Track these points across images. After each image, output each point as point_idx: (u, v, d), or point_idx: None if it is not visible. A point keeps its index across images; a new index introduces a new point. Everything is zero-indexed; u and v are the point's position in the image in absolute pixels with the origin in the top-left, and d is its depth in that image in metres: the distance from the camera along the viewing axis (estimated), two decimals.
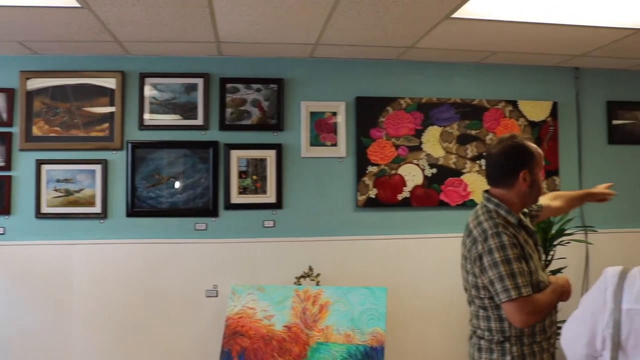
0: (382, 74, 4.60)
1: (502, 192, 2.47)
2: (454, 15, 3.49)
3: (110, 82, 4.30)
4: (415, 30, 3.81)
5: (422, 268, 4.53)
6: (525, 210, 2.65)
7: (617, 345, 1.62)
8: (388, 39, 4.01)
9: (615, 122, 5.06)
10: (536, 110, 4.79)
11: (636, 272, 1.65)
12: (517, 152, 2.45)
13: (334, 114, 4.49)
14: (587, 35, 4.01)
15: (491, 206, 2.46)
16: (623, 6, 3.46)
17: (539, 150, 2.51)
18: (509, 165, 2.44)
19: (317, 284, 4.24)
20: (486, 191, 2.55)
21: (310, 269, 4.30)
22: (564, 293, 2.44)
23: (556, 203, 2.95)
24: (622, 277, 1.66)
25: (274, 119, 4.43)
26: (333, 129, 4.49)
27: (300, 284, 4.21)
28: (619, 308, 1.62)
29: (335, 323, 3.89)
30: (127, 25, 3.63)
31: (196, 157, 4.35)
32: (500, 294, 2.27)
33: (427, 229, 4.55)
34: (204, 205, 4.34)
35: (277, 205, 4.41)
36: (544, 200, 2.89)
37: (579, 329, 1.76)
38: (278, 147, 4.41)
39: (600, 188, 3.11)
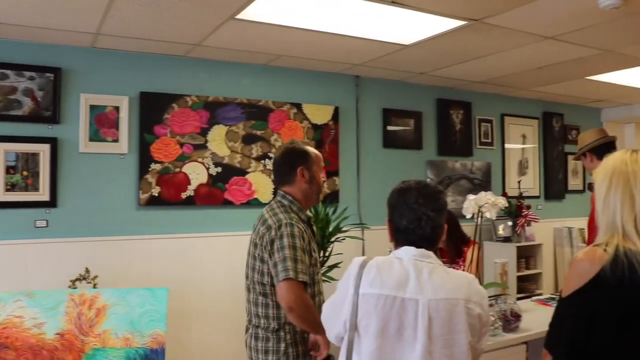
0: (169, 70, 4.50)
1: (289, 189, 2.68)
2: (238, 17, 3.53)
3: None
4: (201, 28, 3.78)
5: (206, 267, 4.51)
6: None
7: (354, 327, 1.79)
8: (174, 34, 3.93)
9: (389, 127, 5.50)
10: (319, 113, 5.03)
11: (373, 262, 1.85)
12: (293, 152, 2.70)
13: (116, 108, 4.29)
14: (364, 47, 4.30)
15: (286, 202, 2.65)
16: (393, 24, 3.77)
17: (316, 152, 2.75)
18: (288, 164, 2.68)
19: (95, 286, 4.02)
20: (282, 190, 2.72)
21: (87, 271, 4.06)
22: (321, 339, 2.53)
23: None
24: (363, 265, 1.85)
25: (49, 110, 4.10)
26: (115, 124, 4.28)
27: (75, 288, 3.96)
28: (357, 293, 1.79)
29: (113, 327, 3.72)
30: None
31: None
32: (280, 273, 2.43)
33: (212, 228, 4.55)
34: None
35: (51, 203, 4.10)
36: None
37: (330, 312, 1.92)
38: (53, 142, 4.10)
39: None
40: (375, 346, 1.75)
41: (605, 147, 3.69)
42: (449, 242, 3.89)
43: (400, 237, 1.92)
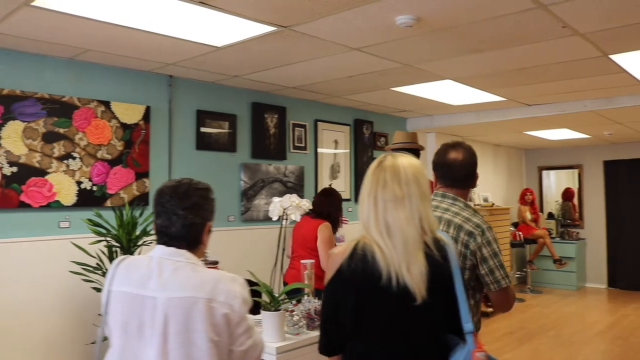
0: None
1: (460, 192, 2.60)
2: (34, 4, 3.28)
3: None
4: None
5: (0, 277, 4.14)
6: None
7: (105, 324, 1.86)
8: None
9: (203, 129, 5.45)
10: (129, 112, 4.85)
11: (127, 261, 1.90)
12: (475, 156, 2.67)
13: None
14: (175, 46, 4.22)
15: (461, 204, 2.56)
16: (204, 25, 3.73)
17: None
18: (474, 167, 2.65)
19: None
20: (450, 192, 2.59)
21: None
22: None
23: None
24: (118, 263, 1.90)
25: None
26: None
27: None
28: (110, 290, 1.86)
29: None
30: None
31: None
32: (501, 281, 2.43)
33: (6, 233, 4.17)
34: None
35: None
36: None
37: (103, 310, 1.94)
38: None
39: None
40: (119, 343, 1.80)
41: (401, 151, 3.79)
42: None
43: (158, 236, 1.95)
